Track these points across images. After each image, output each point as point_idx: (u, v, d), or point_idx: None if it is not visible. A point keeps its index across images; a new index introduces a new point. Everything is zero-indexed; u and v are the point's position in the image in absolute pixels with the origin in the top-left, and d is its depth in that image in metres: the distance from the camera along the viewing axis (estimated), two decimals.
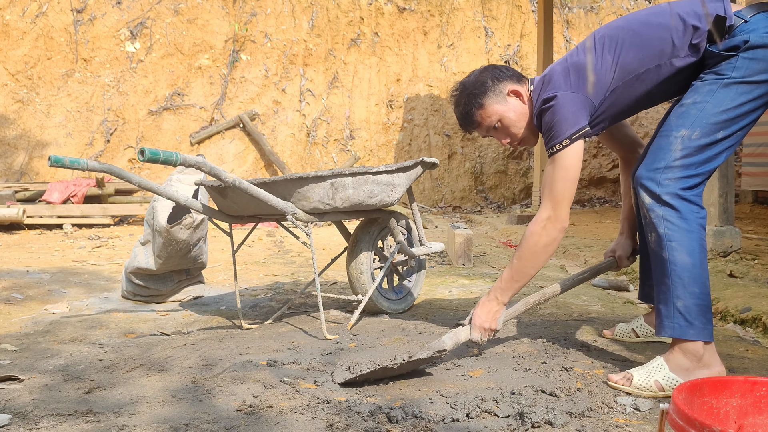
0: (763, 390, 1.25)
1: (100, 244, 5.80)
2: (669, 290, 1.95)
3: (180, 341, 2.60)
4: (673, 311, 1.94)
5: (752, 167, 7.51)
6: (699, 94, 2.01)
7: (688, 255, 1.93)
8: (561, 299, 3.32)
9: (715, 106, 1.97)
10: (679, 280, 1.93)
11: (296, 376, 2.09)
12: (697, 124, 1.97)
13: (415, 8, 10.60)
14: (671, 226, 1.95)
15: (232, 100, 9.89)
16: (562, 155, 2.06)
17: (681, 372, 1.95)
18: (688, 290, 1.93)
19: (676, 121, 2.02)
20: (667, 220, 1.95)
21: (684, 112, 2.01)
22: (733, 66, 1.98)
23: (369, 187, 2.64)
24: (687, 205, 1.96)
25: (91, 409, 1.82)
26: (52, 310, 3.17)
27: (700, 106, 1.98)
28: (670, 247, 1.94)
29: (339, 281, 3.93)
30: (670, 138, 2.00)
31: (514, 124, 2.26)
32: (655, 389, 1.93)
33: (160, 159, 2.12)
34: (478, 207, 9.50)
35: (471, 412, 1.78)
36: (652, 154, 2.03)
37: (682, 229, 1.94)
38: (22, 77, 9.57)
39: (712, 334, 1.95)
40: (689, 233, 1.94)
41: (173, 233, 3.14)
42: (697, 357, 1.94)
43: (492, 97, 2.25)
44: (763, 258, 3.96)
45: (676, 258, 1.94)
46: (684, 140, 1.97)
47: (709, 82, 2.00)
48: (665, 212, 1.96)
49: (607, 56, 2.10)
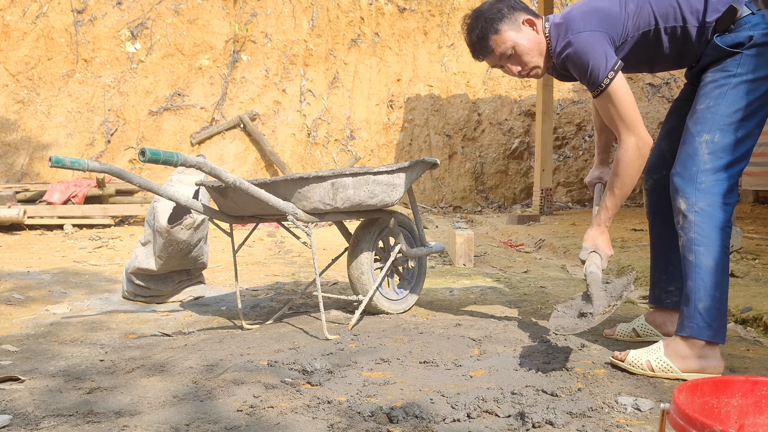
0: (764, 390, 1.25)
1: (101, 244, 5.80)
2: (692, 292, 2.03)
3: (181, 342, 2.60)
4: (694, 312, 2.02)
5: (753, 167, 7.50)
6: (710, 98, 2.07)
7: (714, 260, 2.01)
8: (562, 299, 3.32)
9: (728, 107, 2.04)
10: (703, 284, 2.01)
11: (297, 377, 2.09)
12: (716, 126, 2.04)
13: (415, 8, 10.60)
14: (701, 232, 2.02)
15: (233, 101, 9.90)
16: (613, 88, 2.11)
17: (676, 358, 2.05)
18: (709, 293, 2.01)
19: (695, 128, 2.08)
20: (698, 225, 2.02)
21: (700, 118, 2.07)
22: (738, 62, 2.04)
23: (369, 187, 2.64)
24: (720, 213, 2.02)
25: (92, 410, 1.82)
26: (53, 311, 3.17)
27: (713, 110, 2.05)
28: (698, 251, 2.02)
29: (340, 281, 3.93)
30: (695, 144, 2.06)
31: (527, 52, 2.27)
32: (645, 368, 2.06)
33: (160, 159, 2.12)
34: (478, 207, 9.50)
35: (472, 412, 1.78)
36: (680, 164, 2.09)
37: (710, 236, 2.01)
38: (23, 78, 9.58)
39: (725, 338, 2.05)
40: (718, 240, 2.02)
41: (174, 233, 3.14)
42: (698, 347, 2.03)
43: (508, 24, 2.26)
44: (763, 257, 3.96)
45: (702, 262, 2.02)
46: (708, 144, 2.04)
47: (718, 85, 2.06)
48: (698, 218, 2.02)
49: (630, 4, 2.16)
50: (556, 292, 3.53)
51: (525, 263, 4.64)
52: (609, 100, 2.14)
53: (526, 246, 5.64)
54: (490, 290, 3.59)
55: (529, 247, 5.57)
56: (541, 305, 3.17)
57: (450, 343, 2.46)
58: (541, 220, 7.16)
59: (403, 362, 2.23)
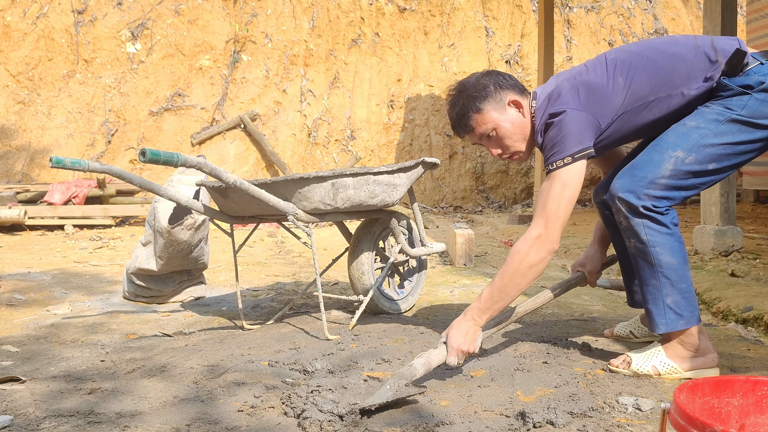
0: (765, 389, 1.25)
1: (102, 245, 5.80)
2: (657, 290, 2.02)
3: (181, 342, 2.60)
4: (664, 309, 2.02)
5: (754, 166, 7.50)
6: (703, 119, 2.01)
7: (672, 256, 1.99)
8: (563, 299, 3.32)
9: (716, 137, 1.98)
10: (667, 280, 2.00)
11: (298, 377, 2.09)
12: (694, 149, 1.98)
13: (415, 8, 10.60)
14: (652, 232, 1.99)
15: (233, 101, 9.90)
16: (562, 173, 1.99)
17: (678, 359, 2.06)
18: (675, 287, 2.00)
19: (674, 140, 2.00)
20: (647, 226, 1.99)
21: (684, 133, 2.00)
22: (744, 104, 1.98)
23: (370, 187, 2.64)
24: (665, 210, 2.00)
25: (92, 410, 1.83)
26: (53, 312, 3.17)
27: (701, 132, 1.99)
28: (655, 251, 1.99)
29: (340, 282, 3.93)
30: (664, 155, 1.99)
31: (509, 136, 2.16)
32: (652, 373, 2.05)
33: (161, 160, 2.12)
34: (479, 207, 9.50)
35: (472, 412, 1.78)
36: (639, 164, 2.02)
37: (662, 233, 1.99)
38: (23, 78, 9.58)
39: (699, 317, 2.05)
40: (670, 235, 1.99)
41: (174, 234, 3.14)
42: (695, 347, 2.05)
43: (491, 103, 2.15)
44: (764, 257, 3.96)
45: (662, 260, 1.99)
46: (677, 161, 1.98)
47: (717, 113, 2.00)
48: (644, 221, 1.99)
49: (618, 79, 2.07)
50: None
51: None
52: (550, 181, 2.00)
53: None
54: None
55: None
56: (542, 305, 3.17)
57: None
58: None
59: (404, 362, 2.23)
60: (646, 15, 11.17)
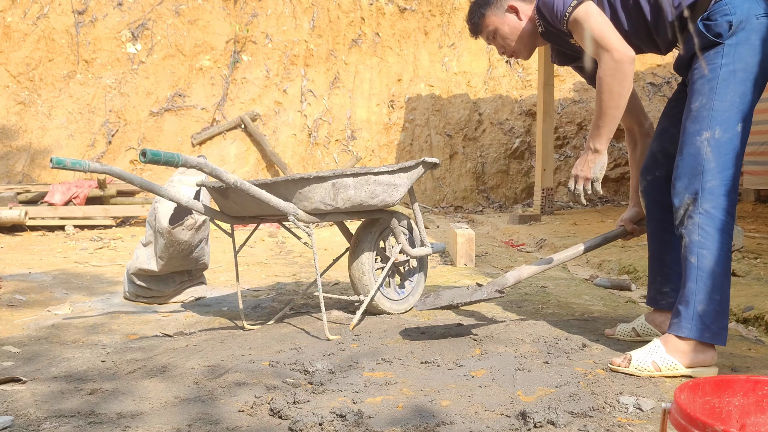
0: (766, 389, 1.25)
1: (102, 245, 5.81)
2: (692, 294, 2.02)
3: (182, 342, 2.61)
4: (693, 314, 2.02)
5: (755, 166, 7.50)
6: (702, 95, 2.06)
7: (716, 264, 2.01)
8: (563, 299, 3.32)
9: (722, 102, 2.03)
10: (704, 287, 2.01)
11: (298, 377, 2.09)
12: (715, 123, 2.03)
13: (416, 8, 10.60)
14: (705, 235, 2.01)
15: (234, 101, 9.90)
16: (579, 13, 2.15)
17: (678, 354, 2.05)
18: (709, 296, 2.00)
19: (693, 127, 2.07)
20: (702, 228, 2.01)
21: (697, 116, 2.06)
22: (722, 53, 2.05)
23: (370, 187, 2.64)
24: (724, 215, 2.02)
25: (93, 411, 1.83)
26: (54, 312, 3.17)
27: (709, 106, 2.04)
28: (701, 254, 2.01)
29: (341, 282, 3.93)
30: (696, 144, 2.05)
31: (507, 37, 2.47)
32: (652, 369, 2.04)
33: (161, 160, 2.12)
34: (479, 207, 9.50)
35: (473, 412, 1.78)
36: (684, 163, 2.07)
37: (715, 238, 2.00)
38: (24, 79, 9.58)
39: (725, 340, 2.04)
40: (721, 243, 2.01)
41: (175, 234, 3.14)
42: (697, 343, 2.04)
43: (492, 10, 2.47)
44: (765, 257, 3.96)
45: (704, 265, 2.01)
46: (710, 141, 2.03)
47: (707, 80, 2.06)
48: (702, 220, 2.01)
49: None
50: (557, 291, 3.53)
51: (526, 263, 4.64)
52: (578, 26, 2.17)
53: (527, 246, 5.63)
54: None
55: (530, 247, 5.56)
56: (542, 305, 3.17)
57: (451, 343, 2.46)
58: (543, 220, 7.15)
59: (404, 362, 2.23)
60: None
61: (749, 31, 2.02)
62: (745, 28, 2.02)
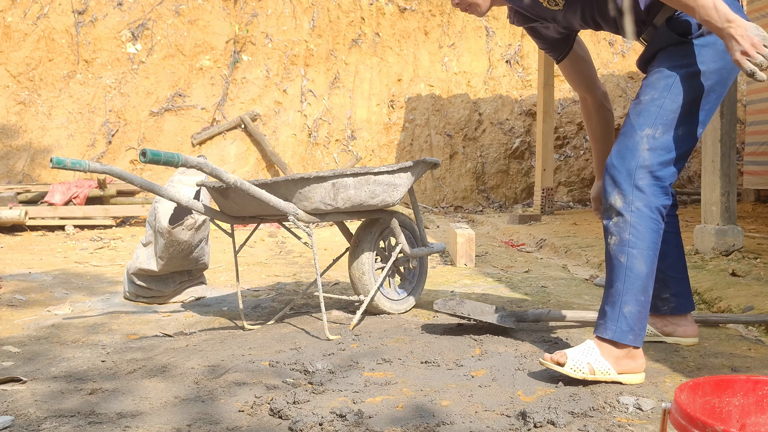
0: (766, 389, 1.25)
1: (102, 245, 5.81)
2: (619, 294, 1.98)
3: (182, 342, 2.61)
4: (619, 315, 1.98)
5: (754, 166, 7.50)
6: (655, 89, 2.00)
7: (645, 264, 1.98)
8: (563, 299, 3.32)
9: (673, 102, 1.98)
10: (632, 287, 1.97)
11: (298, 377, 2.09)
12: (659, 121, 1.97)
13: (416, 8, 10.60)
14: (637, 234, 1.96)
15: (234, 101, 9.90)
16: None
17: (611, 359, 1.99)
18: (636, 297, 1.98)
19: (637, 120, 2.00)
20: (633, 226, 1.96)
21: (643, 110, 2.00)
22: (686, 52, 1.99)
23: (370, 187, 2.64)
24: (656, 215, 1.97)
25: (93, 411, 1.83)
26: (54, 312, 3.17)
27: (658, 103, 1.98)
28: (631, 254, 1.97)
29: (341, 282, 3.93)
30: (635, 138, 1.99)
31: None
32: (587, 372, 1.97)
33: (161, 160, 2.12)
34: (479, 207, 9.50)
35: (473, 412, 1.78)
36: (620, 156, 2.00)
37: (645, 238, 1.97)
38: (24, 79, 9.58)
39: (642, 339, 2.02)
40: (651, 243, 1.98)
41: (175, 234, 3.14)
42: (627, 349, 2.00)
43: None
44: (765, 257, 3.96)
45: (633, 265, 1.97)
46: (650, 139, 1.97)
47: (665, 76, 2.00)
48: (634, 218, 1.96)
49: None
50: (558, 291, 3.53)
51: (526, 263, 4.64)
52: None
53: (527, 246, 5.63)
54: (491, 290, 3.58)
55: (530, 247, 5.56)
56: (543, 305, 3.17)
57: (451, 343, 2.46)
58: (543, 220, 7.15)
59: (404, 362, 2.23)
60: None
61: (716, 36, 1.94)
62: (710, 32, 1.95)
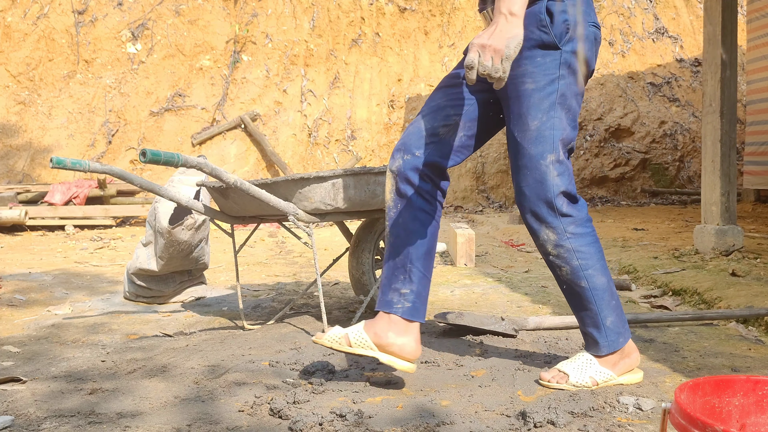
0: (766, 389, 1.25)
1: (102, 245, 5.81)
2: (596, 314, 1.98)
3: (182, 342, 2.61)
4: (605, 331, 1.98)
5: (754, 166, 7.49)
6: (541, 111, 1.88)
7: (602, 274, 1.98)
8: (563, 299, 3.32)
9: (562, 120, 1.90)
10: (603, 302, 1.97)
11: (298, 377, 2.09)
12: (557, 144, 1.89)
13: (416, 8, 10.60)
14: (583, 255, 1.95)
15: (234, 101, 9.90)
16: None
17: (610, 365, 2.00)
18: (610, 306, 1.98)
19: (535, 149, 1.89)
20: (577, 251, 1.94)
21: (538, 137, 1.88)
22: (559, 62, 1.87)
23: (371, 187, 2.64)
24: (586, 226, 1.96)
25: (93, 411, 1.83)
26: (54, 312, 3.17)
27: (549, 125, 1.88)
28: (589, 275, 1.96)
29: (341, 282, 3.93)
30: (542, 168, 1.89)
31: None
32: (591, 384, 1.97)
33: (161, 160, 2.12)
34: (479, 207, 9.50)
35: (473, 412, 1.78)
36: (532, 191, 1.91)
37: (591, 254, 1.96)
38: (24, 79, 9.59)
39: (629, 331, 2.03)
40: (597, 253, 1.97)
41: (175, 234, 3.14)
42: (621, 351, 2.01)
43: None
44: (765, 257, 3.96)
45: (596, 283, 1.96)
46: (555, 165, 1.89)
47: (547, 93, 1.88)
48: (574, 243, 1.93)
49: None
50: (558, 291, 3.53)
51: (526, 263, 4.64)
52: None
53: (527, 246, 5.63)
54: (491, 290, 3.58)
55: (530, 247, 5.56)
56: (543, 305, 3.17)
57: (451, 342, 2.46)
58: None
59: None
60: (647, 14, 11.16)
61: (584, 40, 1.88)
62: (580, 34, 1.87)
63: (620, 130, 10.02)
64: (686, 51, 10.96)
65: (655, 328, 2.70)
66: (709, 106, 4.17)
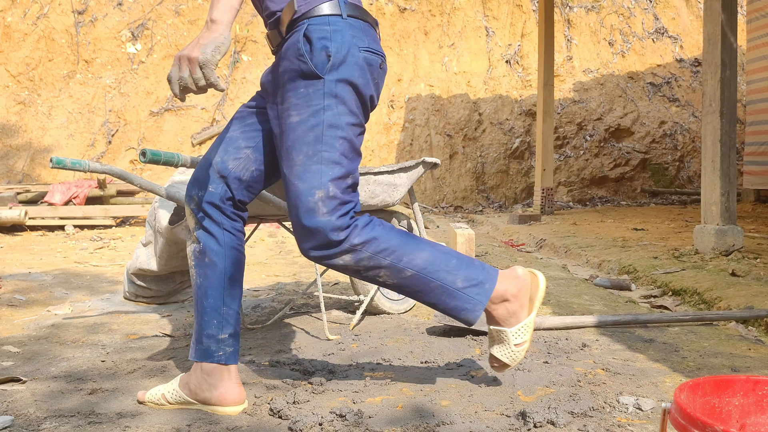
0: (766, 389, 1.25)
1: (102, 245, 5.81)
2: (443, 286, 1.82)
3: (182, 342, 2.61)
4: (464, 293, 1.83)
5: (754, 166, 7.50)
6: (306, 145, 1.74)
7: (418, 250, 1.83)
8: (563, 299, 3.32)
9: (331, 153, 1.75)
10: (439, 270, 1.82)
11: (298, 377, 2.09)
12: (326, 177, 1.73)
13: (416, 8, 10.60)
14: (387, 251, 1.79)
15: (234, 101, 9.90)
16: None
17: (504, 319, 1.87)
18: (449, 267, 1.84)
19: (302, 185, 1.74)
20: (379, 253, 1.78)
21: (304, 172, 1.74)
22: (323, 92, 1.75)
23: (370, 187, 2.64)
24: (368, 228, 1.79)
25: (93, 411, 1.83)
26: (54, 312, 3.17)
27: (317, 159, 1.74)
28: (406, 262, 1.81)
29: (341, 281, 3.93)
30: (310, 205, 1.72)
31: None
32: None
33: (161, 160, 2.12)
34: (479, 207, 9.50)
35: (473, 412, 1.78)
36: (304, 230, 1.75)
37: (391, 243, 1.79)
38: (24, 79, 9.59)
39: (493, 271, 1.90)
40: (396, 237, 1.81)
41: (175, 234, 3.14)
42: (502, 301, 1.87)
43: None
44: (765, 257, 3.96)
45: (418, 262, 1.81)
46: (325, 201, 1.73)
47: (311, 126, 1.75)
48: (370, 250, 1.77)
49: None
50: (558, 291, 3.53)
51: (526, 263, 4.64)
52: None
53: (527, 246, 5.64)
54: None
55: (530, 247, 5.56)
56: (543, 305, 3.17)
57: (451, 342, 2.46)
58: (542, 220, 7.15)
59: (404, 362, 2.24)
60: (647, 14, 11.17)
61: (351, 66, 1.75)
62: (346, 61, 1.74)
63: (620, 130, 10.02)
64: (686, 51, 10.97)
65: (655, 328, 2.70)
66: (709, 106, 4.17)
